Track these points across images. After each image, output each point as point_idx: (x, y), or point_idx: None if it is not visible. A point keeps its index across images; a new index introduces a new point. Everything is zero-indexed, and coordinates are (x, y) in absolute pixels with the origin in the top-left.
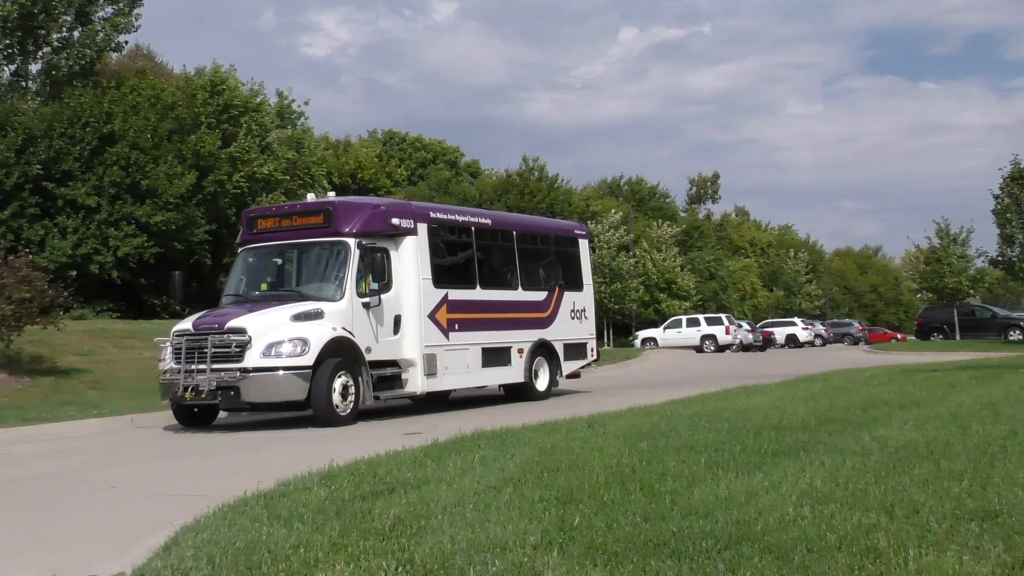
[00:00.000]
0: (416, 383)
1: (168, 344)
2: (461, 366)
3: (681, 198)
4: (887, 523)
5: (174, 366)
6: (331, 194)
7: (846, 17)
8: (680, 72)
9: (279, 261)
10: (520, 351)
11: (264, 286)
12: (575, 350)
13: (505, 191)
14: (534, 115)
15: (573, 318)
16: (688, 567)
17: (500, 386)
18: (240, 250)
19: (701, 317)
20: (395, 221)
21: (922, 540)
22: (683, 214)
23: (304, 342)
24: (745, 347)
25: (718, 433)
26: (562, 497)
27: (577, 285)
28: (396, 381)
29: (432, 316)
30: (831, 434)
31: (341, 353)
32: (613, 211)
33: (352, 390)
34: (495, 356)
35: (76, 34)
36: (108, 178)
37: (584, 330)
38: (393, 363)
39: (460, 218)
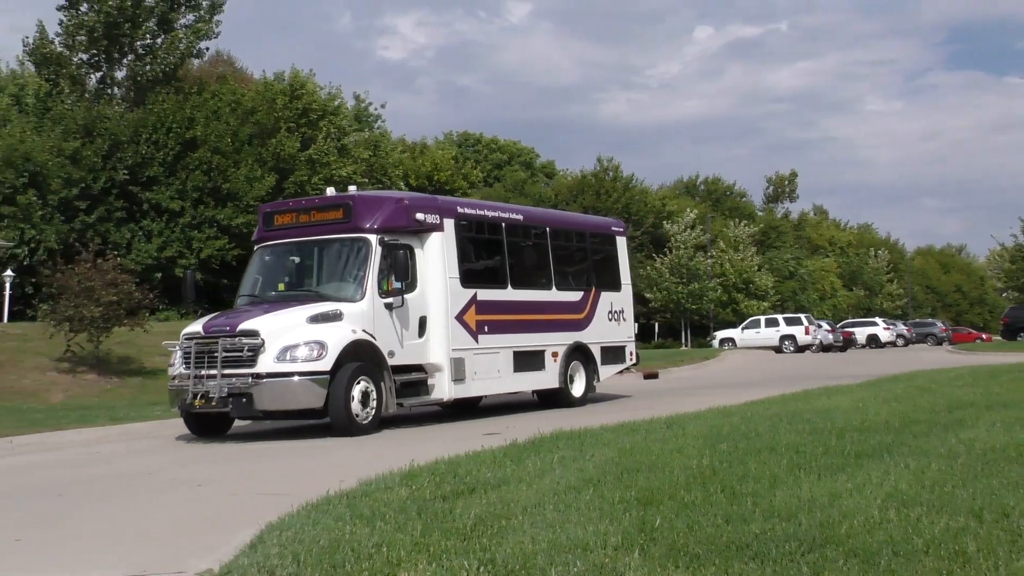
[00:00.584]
0: (443, 389)
1: (178, 348)
2: (491, 371)
3: (758, 197)
4: (976, 527)
5: (183, 371)
6: (352, 189)
7: (926, 12)
8: (757, 70)
9: (297, 259)
10: (554, 355)
11: (281, 286)
12: (613, 354)
13: (580, 192)
14: (609, 115)
15: (611, 320)
16: (771, 570)
17: (534, 392)
18: (256, 248)
19: (780, 317)
20: (420, 216)
21: (1013, 544)
22: (760, 213)
23: (321, 346)
24: (825, 347)
25: (799, 434)
26: (642, 498)
27: (615, 285)
28: (421, 387)
29: (460, 318)
30: (916, 436)
31: (361, 357)
32: (689, 211)
33: (373, 397)
34: (528, 360)
35: (159, 41)
36: (191, 182)
37: (622, 332)
38: (418, 368)
39: (490, 213)
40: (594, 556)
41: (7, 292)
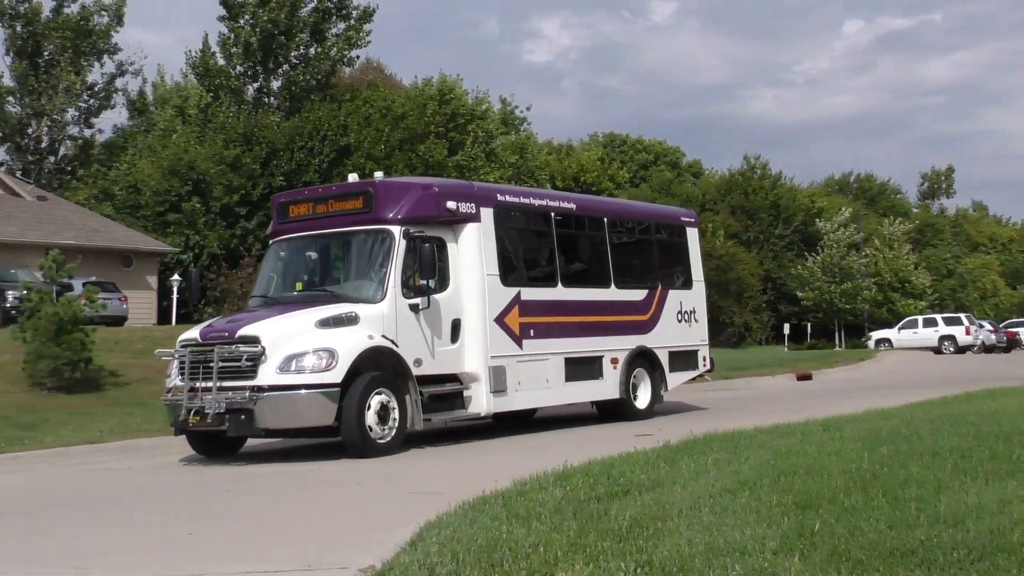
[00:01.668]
0: (480, 402)
1: (174, 357)
2: (538, 380)
3: (912, 194)
4: None
5: (178, 383)
6: (378, 175)
7: None
8: (909, 63)
9: (314, 255)
10: (614, 361)
11: (299, 285)
12: (683, 359)
13: (728, 191)
14: (756, 113)
15: (680, 321)
16: None
17: (593, 404)
18: (271, 243)
19: (938, 317)
20: (451, 205)
21: None
22: (915, 210)
23: (331, 353)
24: (987, 348)
25: (963, 438)
26: (800, 502)
27: (684, 282)
28: (456, 400)
29: (500, 320)
30: None
31: (380, 366)
32: (842, 209)
33: (394, 412)
34: (582, 368)
35: (312, 51)
36: None
37: (694, 335)
38: (452, 378)
39: (536, 202)
40: (752, 560)
41: (175, 296)
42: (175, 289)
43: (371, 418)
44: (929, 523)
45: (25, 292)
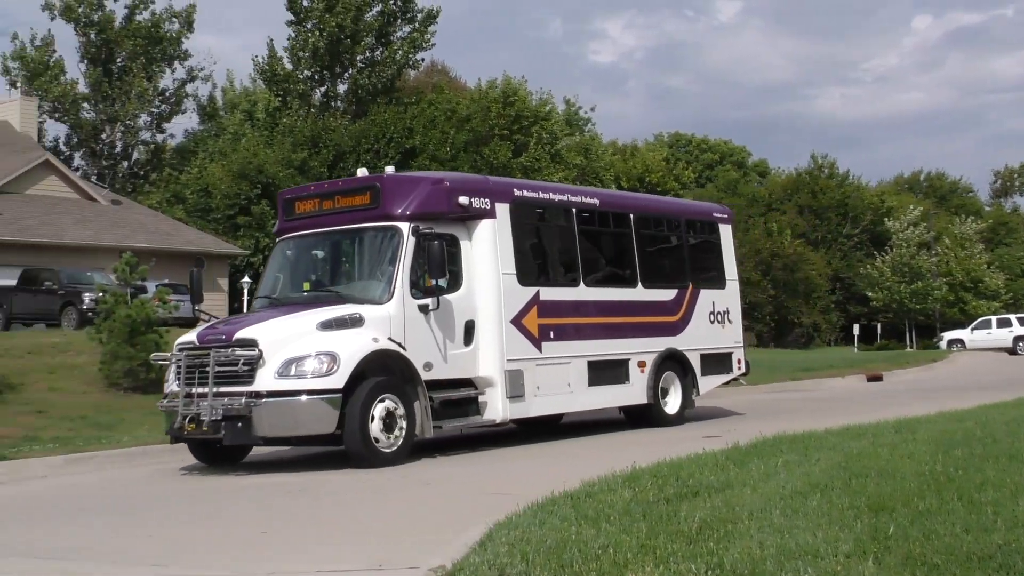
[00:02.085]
0: (496, 408)
1: (172, 361)
2: (558, 385)
3: (984, 192)
4: None
5: (175, 389)
6: (389, 169)
7: None
8: (980, 59)
9: (320, 253)
10: (641, 364)
11: (307, 285)
12: (716, 362)
13: (795, 190)
14: (823, 111)
15: (713, 322)
16: None
17: (621, 409)
18: (277, 241)
19: (1013, 317)
20: (463, 200)
21: None
22: (987, 209)
23: (332, 357)
24: None
25: None
26: (873, 505)
27: (717, 281)
28: (470, 406)
29: (517, 322)
30: None
31: (386, 371)
32: (912, 208)
33: (402, 419)
34: (606, 372)
35: (378, 55)
36: None
37: (727, 337)
38: (465, 383)
39: (556, 197)
40: (825, 563)
41: (245, 298)
42: (245, 291)
43: (375, 426)
44: (1007, 527)
45: (100, 294)
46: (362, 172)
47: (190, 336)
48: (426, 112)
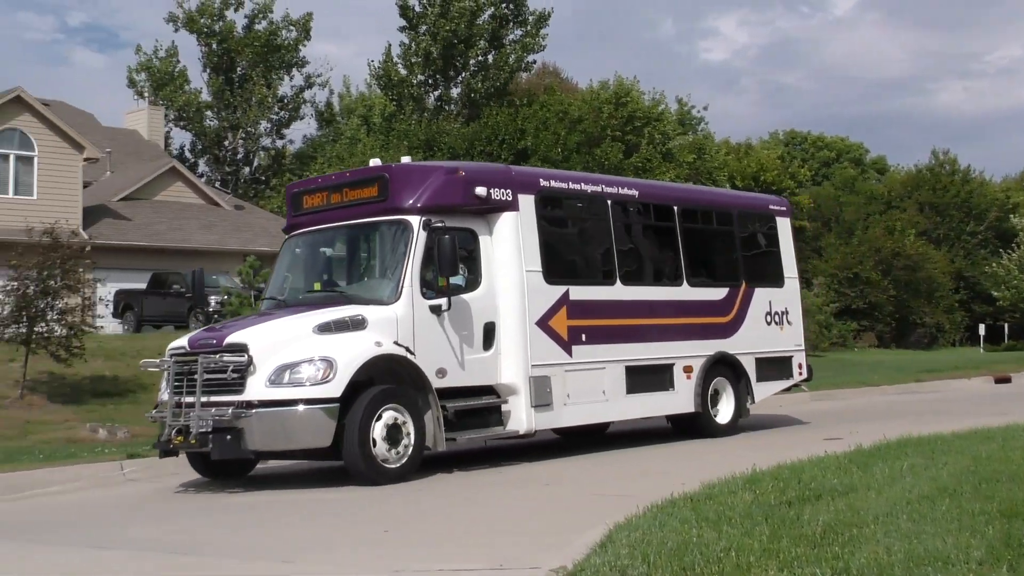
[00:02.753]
0: (520, 418)
1: (160, 368)
2: (592, 392)
3: None
4: None
5: (164, 398)
6: (405, 159)
7: None
8: None
9: (328, 251)
10: (687, 370)
11: (318, 285)
12: (773, 367)
13: (916, 187)
14: (944, 105)
15: (770, 323)
16: None
17: (668, 419)
18: (285, 238)
19: None
20: (481, 191)
21: None
22: None
23: (328, 363)
24: None
25: None
26: (1005, 510)
27: (774, 278)
28: (490, 415)
29: (544, 324)
30: None
31: (392, 377)
32: None
33: (409, 431)
34: (647, 378)
35: (490, 58)
36: None
37: (786, 339)
38: (485, 390)
39: (588, 188)
40: (956, 570)
41: None
42: None
43: (377, 438)
44: None
45: (226, 296)
46: (375, 163)
47: (182, 341)
48: (538, 114)
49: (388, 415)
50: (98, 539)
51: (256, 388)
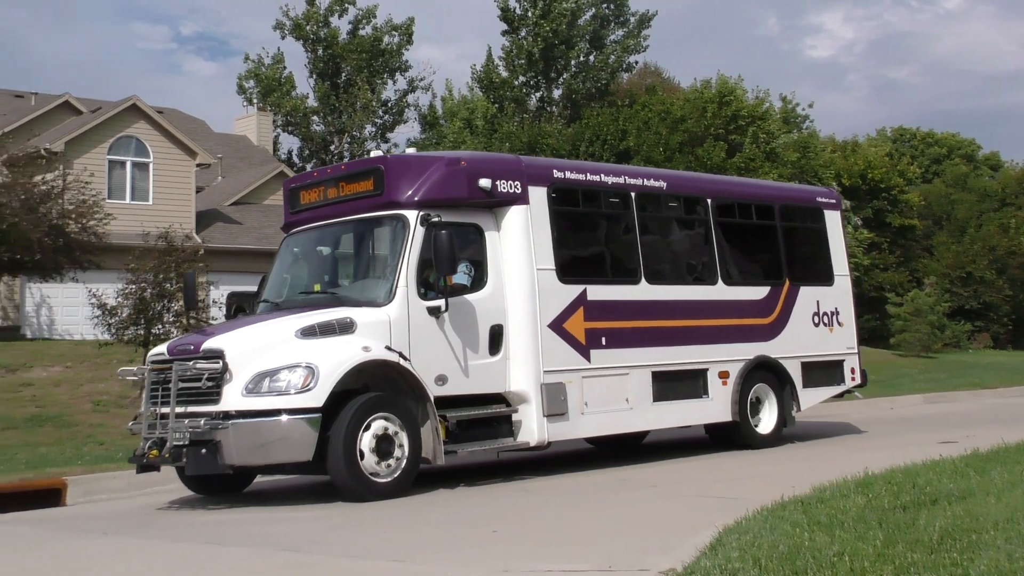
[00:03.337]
0: (530, 428)
1: (138, 376)
2: (613, 400)
3: None
4: None
5: (143, 409)
6: (411, 151)
7: None
8: None
9: (324, 249)
10: (723, 375)
11: (318, 287)
12: (822, 372)
13: None
14: None
15: (817, 324)
16: None
17: (705, 428)
18: (283, 236)
19: None
20: (484, 183)
21: None
22: None
23: (310, 370)
24: None
25: None
26: None
27: (823, 276)
28: (499, 426)
29: (557, 326)
30: None
31: (389, 385)
32: None
33: (402, 443)
34: (677, 384)
35: (591, 59)
36: None
37: (836, 342)
38: (493, 399)
39: (609, 179)
40: None
41: None
42: None
43: (366, 451)
44: None
45: None
46: (376, 154)
47: (162, 347)
48: (640, 114)
49: (378, 425)
50: (213, 536)
51: (232, 397)
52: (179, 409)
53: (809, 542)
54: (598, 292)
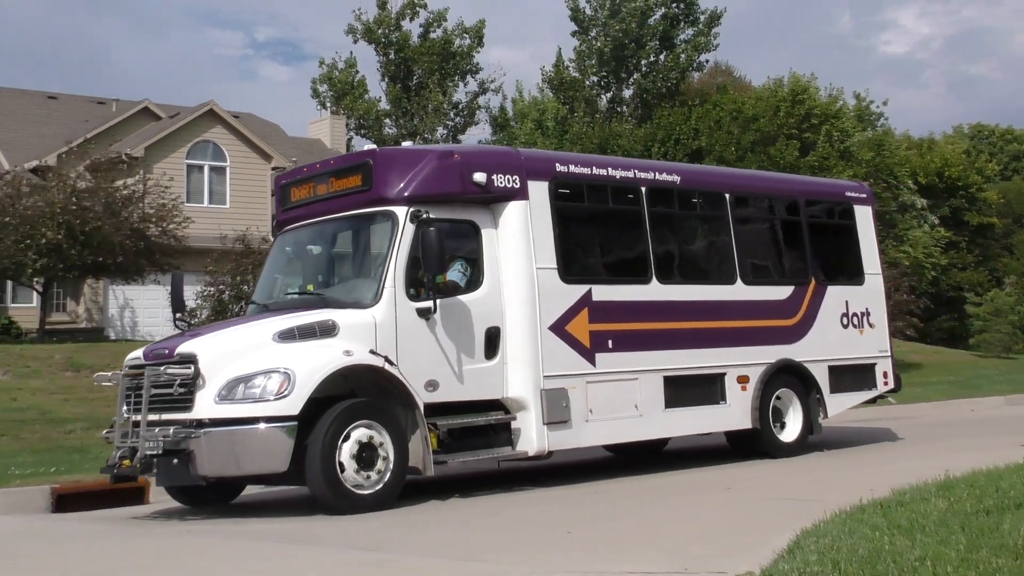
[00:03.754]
0: (529, 437)
1: (112, 382)
2: (621, 407)
3: None
4: None
5: (116, 417)
6: (406, 144)
7: None
8: None
9: (314, 248)
10: (742, 380)
11: (311, 287)
12: (851, 376)
13: None
14: None
15: (846, 326)
16: None
17: (725, 435)
18: (276, 235)
19: None
20: (479, 177)
21: None
22: None
23: (286, 376)
24: None
25: None
26: None
27: (851, 275)
28: (497, 434)
29: (559, 328)
30: None
31: (375, 390)
32: None
33: (387, 452)
34: (692, 390)
35: (662, 59)
36: None
37: (867, 344)
38: (490, 405)
39: (617, 173)
40: None
41: None
42: None
43: (345, 461)
44: None
45: None
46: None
47: (139, 352)
48: (711, 113)
49: (360, 433)
50: (290, 535)
51: (205, 405)
52: (153, 417)
53: (890, 546)
54: (604, 292)
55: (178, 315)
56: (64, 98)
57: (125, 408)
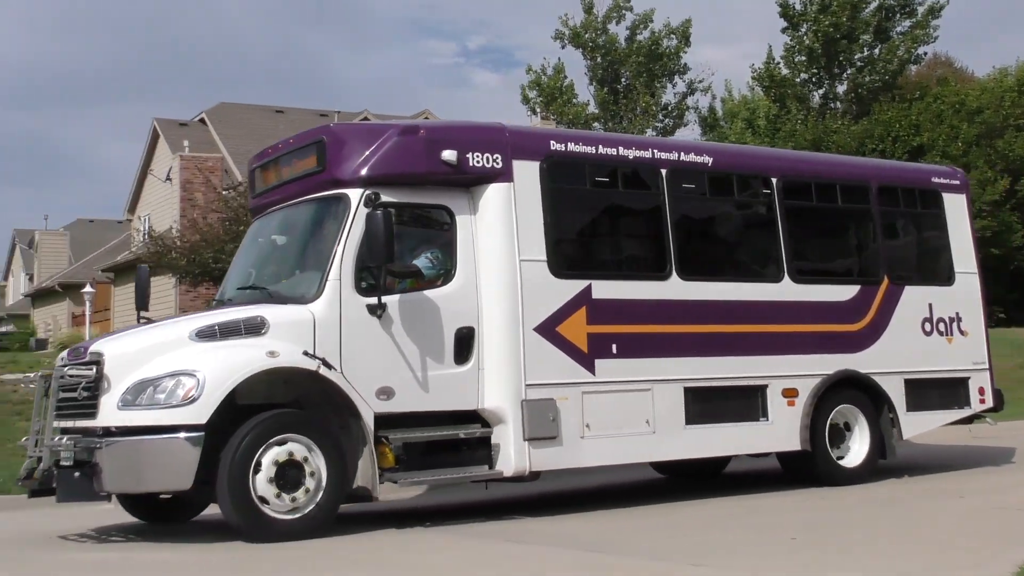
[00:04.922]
0: (507, 454)
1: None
2: (629, 422)
3: None
4: None
5: (32, 423)
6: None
7: None
8: None
9: (276, 238)
10: (789, 393)
11: (259, 281)
12: (935, 391)
13: None
14: None
15: (930, 333)
16: None
17: (777, 456)
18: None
19: None
20: (448, 156)
21: None
22: None
23: (193, 379)
24: None
25: None
26: None
27: (938, 274)
28: (471, 451)
29: (548, 329)
30: None
31: (323, 398)
32: None
33: (317, 471)
34: (723, 404)
35: (876, 51)
36: None
37: (956, 355)
38: (465, 416)
39: (628, 152)
40: None
41: None
42: None
43: (262, 482)
44: None
45: None
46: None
47: (65, 352)
48: (932, 107)
49: (279, 450)
50: (507, 534)
51: (108, 411)
52: (67, 424)
53: None
54: (608, 289)
55: (142, 313)
56: (290, 111)
57: (37, 413)
